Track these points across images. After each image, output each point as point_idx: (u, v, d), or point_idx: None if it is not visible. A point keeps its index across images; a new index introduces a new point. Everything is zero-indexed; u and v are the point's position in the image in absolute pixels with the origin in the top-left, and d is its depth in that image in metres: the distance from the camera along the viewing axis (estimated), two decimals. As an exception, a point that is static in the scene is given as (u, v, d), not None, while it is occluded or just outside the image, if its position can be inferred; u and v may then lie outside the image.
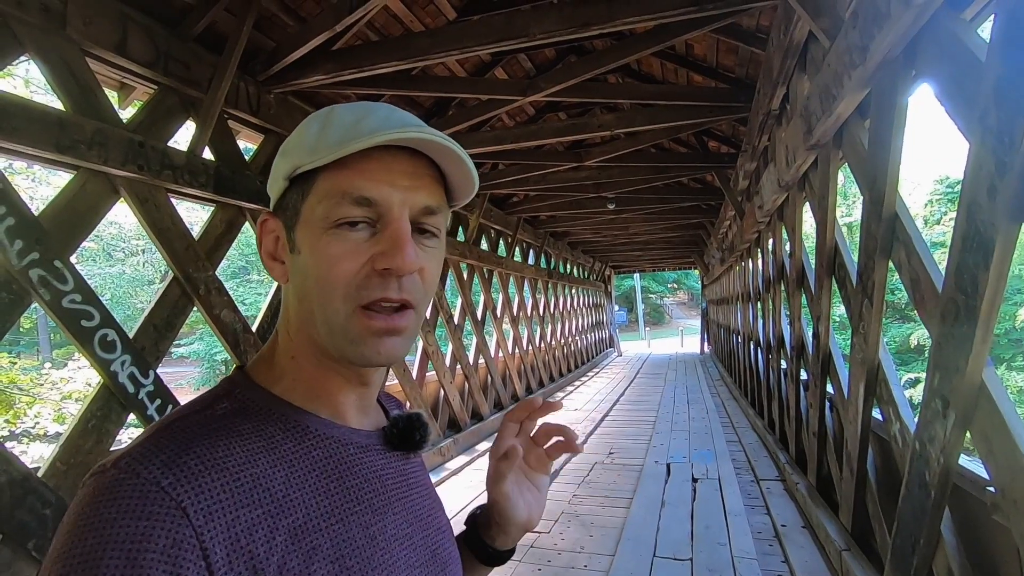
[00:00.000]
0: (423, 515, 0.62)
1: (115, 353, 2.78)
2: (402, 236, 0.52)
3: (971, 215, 1.72)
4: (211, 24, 3.26)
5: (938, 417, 1.98)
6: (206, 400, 0.54)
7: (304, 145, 0.54)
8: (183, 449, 0.46)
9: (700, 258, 16.20)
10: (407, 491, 0.61)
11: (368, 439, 0.60)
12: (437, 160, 0.55)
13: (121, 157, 2.84)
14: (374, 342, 0.52)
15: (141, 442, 0.47)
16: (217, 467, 0.46)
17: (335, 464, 0.54)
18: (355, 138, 0.50)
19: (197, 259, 3.31)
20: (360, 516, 0.53)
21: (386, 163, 0.53)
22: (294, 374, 0.57)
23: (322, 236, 0.52)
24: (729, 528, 3.81)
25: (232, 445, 0.48)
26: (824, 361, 3.73)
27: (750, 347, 8.13)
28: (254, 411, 0.53)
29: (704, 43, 4.73)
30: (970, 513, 2.22)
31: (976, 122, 1.67)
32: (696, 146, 7.10)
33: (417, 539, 0.59)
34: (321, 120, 0.55)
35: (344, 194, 0.52)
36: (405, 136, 0.51)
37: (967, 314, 1.77)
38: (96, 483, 0.44)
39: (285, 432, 0.53)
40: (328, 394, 0.57)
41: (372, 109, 0.55)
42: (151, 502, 0.42)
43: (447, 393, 6.73)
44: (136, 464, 0.44)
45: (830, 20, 2.58)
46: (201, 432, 0.48)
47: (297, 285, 0.55)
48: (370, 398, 0.62)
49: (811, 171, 3.76)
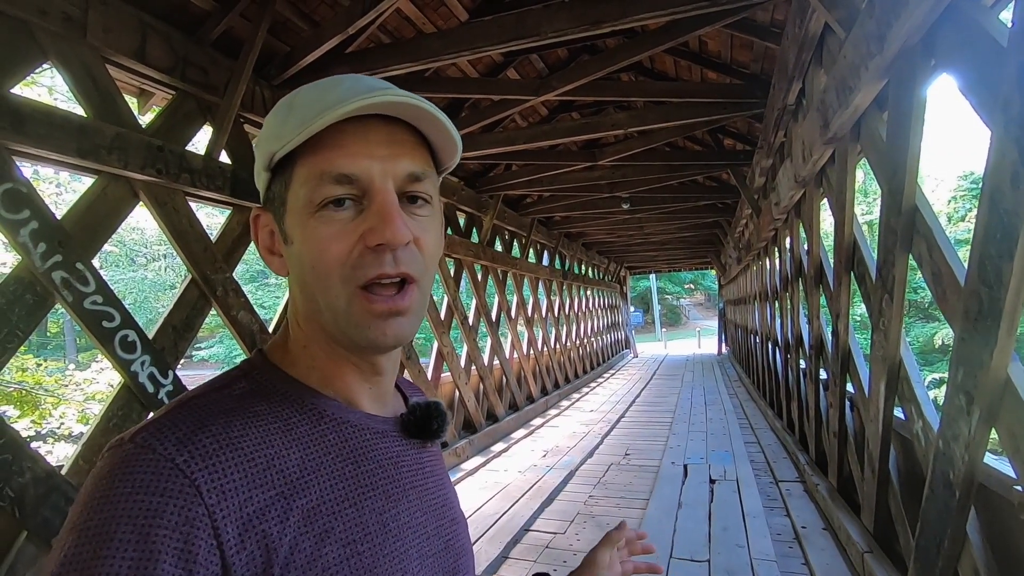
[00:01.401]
0: (438, 505, 0.62)
1: (135, 354, 2.83)
2: (388, 208, 0.51)
3: (994, 205, 1.67)
4: (227, 30, 3.31)
5: (962, 414, 1.92)
6: (224, 380, 0.54)
7: (273, 131, 0.53)
8: (199, 427, 0.46)
9: (717, 258, 16.03)
10: (423, 480, 0.61)
11: (385, 425, 0.59)
12: (415, 123, 0.54)
13: (140, 161, 2.90)
14: (379, 324, 0.52)
15: (159, 418, 0.47)
16: (232, 446, 0.46)
17: (350, 449, 0.54)
18: (320, 113, 0.49)
19: (214, 261, 3.36)
20: (374, 502, 0.53)
21: (361, 135, 0.51)
22: (308, 362, 0.56)
23: (309, 221, 0.51)
24: (747, 530, 3.75)
25: (248, 425, 0.48)
26: (844, 359, 3.66)
27: (768, 347, 8.01)
28: (271, 392, 0.53)
29: (718, 39, 4.68)
30: (997, 513, 2.15)
31: (999, 110, 1.63)
32: (711, 143, 7.02)
33: (431, 528, 0.59)
34: (287, 104, 0.54)
35: (323, 174, 0.51)
36: (370, 102, 0.49)
37: (991, 307, 1.72)
38: (112, 456, 0.45)
39: (301, 414, 0.53)
40: (343, 382, 0.57)
41: (337, 82, 0.53)
42: (165, 478, 0.42)
43: (462, 394, 6.74)
44: (152, 439, 0.45)
45: (845, 10, 2.54)
46: (217, 411, 0.49)
47: (296, 275, 0.55)
48: (385, 385, 0.61)
49: (828, 166, 3.69)
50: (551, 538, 3.84)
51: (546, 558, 3.52)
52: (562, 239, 11.73)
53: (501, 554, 3.57)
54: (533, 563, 3.45)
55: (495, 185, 7.35)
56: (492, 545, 3.68)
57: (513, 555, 3.60)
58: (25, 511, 2.31)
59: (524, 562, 3.48)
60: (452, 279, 6.89)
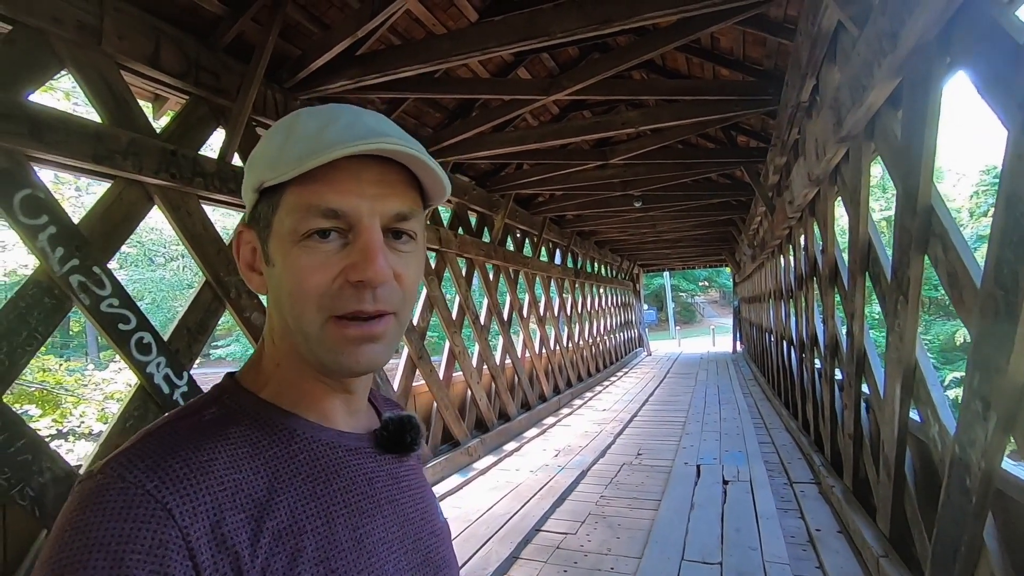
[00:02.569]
0: (415, 518, 0.62)
1: (151, 355, 2.88)
2: (372, 247, 0.51)
3: (1011, 206, 1.63)
4: (239, 34, 3.35)
5: (978, 419, 1.89)
6: (194, 406, 0.55)
7: (267, 158, 0.53)
8: (168, 453, 0.47)
9: (731, 255, 15.88)
10: (398, 494, 0.61)
11: (358, 442, 0.60)
12: (406, 164, 0.55)
13: (155, 166, 2.95)
14: (351, 351, 0.52)
15: (127, 448, 0.48)
16: (202, 470, 0.47)
17: (322, 467, 0.55)
18: (316, 152, 0.49)
19: (228, 263, 3.41)
20: (347, 518, 0.54)
21: (353, 172, 0.52)
22: (280, 380, 0.57)
23: (292, 249, 0.52)
24: (761, 532, 3.71)
25: (217, 450, 0.49)
26: (859, 360, 3.61)
27: (783, 346, 7.92)
28: (241, 416, 0.54)
29: (730, 35, 4.63)
30: (1016, 520, 2.11)
31: (1016, 108, 1.59)
32: (724, 141, 6.95)
33: (408, 542, 0.59)
34: (284, 131, 0.54)
35: (311, 207, 0.51)
36: (366, 148, 0.50)
37: (1007, 311, 1.68)
38: (83, 489, 0.46)
39: (271, 436, 0.53)
40: (314, 399, 0.58)
41: (336, 117, 0.53)
42: (136, 505, 0.43)
43: (474, 393, 6.76)
44: (121, 469, 0.45)
45: (858, 7, 2.50)
46: (187, 437, 0.49)
47: (275, 296, 0.56)
48: (357, 403, 0.62)
49: (842, 164, 3.63)
50: (562, 538, 3.84)
51: (556, 559, 3.52)
52: (574, 237, 11.69)
53: (512, 554, 3.58)
54: (544, 564, 3.45)
55: (506, 184, 7.34)
56: (503, 545, 3.69)
57: (524, 555, 3.61)
58: (45, 511, 2.36)
59: (535, 562, 3.48)
60: (464, 278, 6.91)
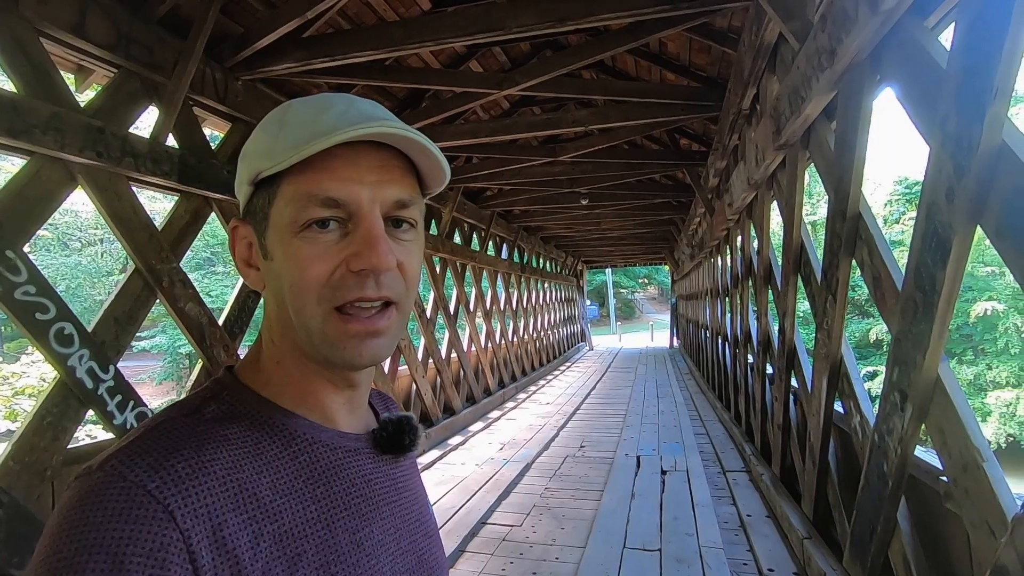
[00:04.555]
0: (411, 520, 0.62)
1: (73, 347, 2.68)
2: (375, 234, 0.50)
3: (931, 216, 1.78)
4: (176, 7, 3.15)
5: (896, 410, 2.06)
6: (194, 403, 0.53)
7: (262, 148, 0.52)
8: (170, 452, 0.45)
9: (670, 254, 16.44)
10: (396, 495, 0.61)
11: (357, 442, 0.59)
12: (404, 150, 0.54)
13: (79, 143, 2.72)
14: (354, 345, 0.52)
15: (127, 444, 0.46)
16: (204, 471, 0.46)
17: (322, 469, 0.54)
18: (312, 139, 0.48)
19: (160, 250, 3.21)
20: (347, 521, 0.53)
21: (351, 159, 0.51)
22: (281, 378, 0.56)
23: (292, 240, 0.51)
24: (697, 519, 3.89)
25: (219, 450, 0.48)
26: (789, 356, 3.84)
27: (718, 342, 8.31)
28: (242, 415, 0.52)
29: (678, 41, 4.78)
30: (924, 502, 2.31)
31: (937, 127, 1.73)
32: (668, 143, 7.18)
33: (404, 544, 0.59)
34: (278, 120, 0.53)
35: (310, 196, 0.50)
36: (364, 133, 0.49)
37: (925, 311, 1.84)
38: (81, 486, 0.44)
39: (272, 437, 0.52)
40: (316, 398, 0.57)
41: (330, 104, 0.52)
42: (137, 505, 0.42)
43: (419, 387, 6.70)
44: (122, 467, 0.44)
45: (800, 23, 2.64)
46: (188, 436, 0.48)
47: (274, 291, 0.54)
48: (359, 400, 0.61)
49: (779, 170, 3.84)
50: (508, 531, 3.88)
51: (503, 551, 3.56)
52: (521, 232, 11.77)
53: (458, 548, 3.58)
54: (490, 556, 3.48)
55: (455, 177, 7.28)
56: (449, 539, 3.69)
57: (470, 548, 3.62)
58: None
59: (481, 555, 3.50)
60: (410, 271, 6.80)
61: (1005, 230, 1.46)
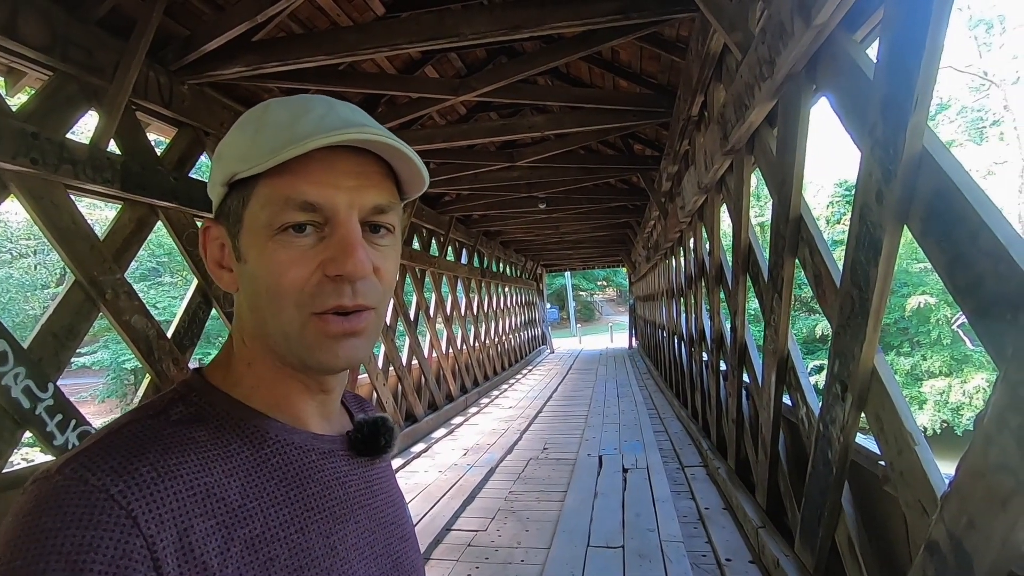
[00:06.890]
0: (387, 523, 0.61)
1: (6, 366, 2.52)
2: (351, 240, 0.50)
3: (863, 217, 1.90)
4: (116, 7, 3.03)
5: (838, 400, 2.18)
6: (160, 404, 0.51)
7: (238, 150, 0.51)
8: (134, 455, 0.44)
9: (627, 256, 16.79)
10: (371, 498, 0.60)
11: (331, 444, 0.58)
12: (383, 155, 0.53)
13: (11, 149, 2.58)
14: (331, 346, 0.51)
15: (88, 447, 0.44)
16: (170, 475, 0.44)
17: (295, 471, 0.53)
18: (289, 143, 0.47)
19: (103, 261, 3.07)
20: (320, 524, 0.52)
21: (329, 163, 0.50)
22: (252, 380, 0.55)
23: (267, 243, 0.50)
24: (657, 514, 3.99)
25: (186, 453, 0.46)
26: (741, 352, 3.99)
27: (674, 341, 8.54)
28: (211, 416, 0.51)
29: (629, 50, 4.92)
30: (866, 486, 2.45)
31: (866, 133, 1.85)
32: (623, 148, 7.36)
33: (379, 548, 0.58)
34: (255, 121, 0.52)
35: (287, 200, 0.49)
36: (344, 138, 0.48)
37: (861, 306, 1.96)
38: (38, 490, 0.41)
39: (243, 439, 0.51)
40: (288, 401, 0.56)
41: (309, 107, 0.51)
42: (99, 511, 0.40)
43: (380, 395, 6.60)
44: (83, 470, 0.42)
45: (742, 34, 2.77)
46: (154, 438, 0.46)
47: (248, 294, 0.53)
48: (332, 403, 0.60)
49: (728, 175, 4.00)
50: (473, 536, 3.88)
51: (468, 556, 3.55)
52: (480, 237, 11.78)
53: (423, 556, 3.55)
54: (456, 562, 3.46)
55: (413, 183, 7.23)
56: (414, 548, 3.65)
57: (435, 556, 3.60)
58: None
59: (447, 562, 3.48)
60: (369, 278, 6.71)
61: (928, 230, 1.57)
